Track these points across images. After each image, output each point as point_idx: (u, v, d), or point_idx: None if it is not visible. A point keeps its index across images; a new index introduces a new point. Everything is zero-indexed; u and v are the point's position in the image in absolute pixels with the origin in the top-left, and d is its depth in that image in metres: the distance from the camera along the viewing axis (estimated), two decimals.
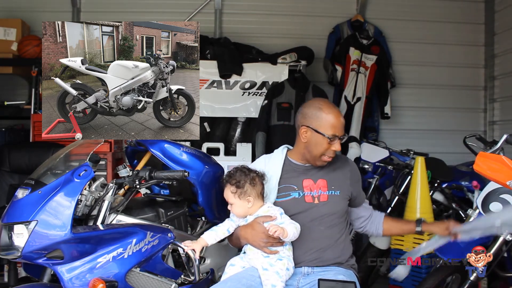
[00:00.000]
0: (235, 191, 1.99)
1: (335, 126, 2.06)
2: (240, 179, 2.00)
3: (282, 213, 2.00)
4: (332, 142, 2.06)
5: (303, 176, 2.11)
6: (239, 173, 2.02)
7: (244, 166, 2.08)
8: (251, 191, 1.98)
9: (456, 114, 5.54)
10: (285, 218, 1.98)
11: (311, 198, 2.07)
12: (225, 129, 4.83)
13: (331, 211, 2.08)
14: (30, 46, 4.48)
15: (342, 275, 1.97)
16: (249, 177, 2.00)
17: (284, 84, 4.63)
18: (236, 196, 1.99)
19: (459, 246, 2.36)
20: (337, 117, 2.09)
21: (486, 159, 2.05)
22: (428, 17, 5.46)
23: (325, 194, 2.08)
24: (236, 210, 2.02)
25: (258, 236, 1.94)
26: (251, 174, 2.02)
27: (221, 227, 2.09)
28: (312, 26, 5.34)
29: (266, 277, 1.91)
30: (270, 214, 1.97)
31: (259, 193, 2.00)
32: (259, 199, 2.01)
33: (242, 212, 2.01)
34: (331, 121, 2.06)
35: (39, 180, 1.97)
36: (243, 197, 1.98)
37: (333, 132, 2.06)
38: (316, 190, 2.08)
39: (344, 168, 2.19)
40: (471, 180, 3.85)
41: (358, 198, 2.24)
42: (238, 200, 1.99)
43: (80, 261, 1.85)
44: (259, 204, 2.01)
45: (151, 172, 2.14)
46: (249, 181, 1.99)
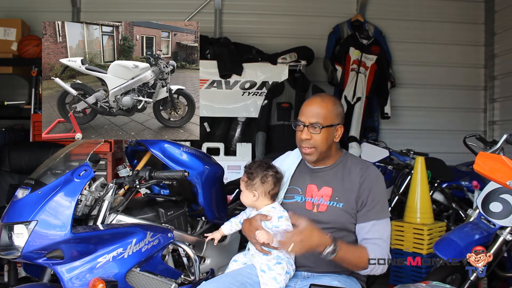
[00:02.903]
0: (245, 180, 2.01)
1: (302, 112, 1.97)
2: (254, 172, 2.00)
3: (282, 217, 1.94)
4: (299, 129, 1.96)
5: (309, 180, 2.03)
6: (257, 165, 2.02)
7: (267, 161, 2.07)
8: (258, 187, 1.98)
9: (456, 114, 5.55)
10: (283, 223, 1.93)
11: (311, 205, 1.99)
12: (225, 129, 4.83)
13: (329, 223, 1.93)
14: (30, 46, 4.49)
15: (337, 281, 1.90)
16: (262, 174, 1.99)
17: (284, 84, 4.63)
18: (245, 185, 2.01)
19: (459, 246, 2.37)
20: (308, 103, 1.99)
21: (486, 159, 2.05)
22: (428, 17, 5.46)
23: (325, 204, 1.96)
24: (243, 197, 2.03)
25: (252, 232, 1.92)
26: (268, 171, 2.00)
27: (235, 219, 2.12)
28: (312, 26, 5.35)
29: (263, 280, 1.89)
30: (270, 214, 1.96)
31: (266, 191, 1.98)
32: (266, 197, 1.99)
33: (247, 202, 2.02)
34: (303, 106, 1.99)
35: (39, 180, 1.97)
36: (250, 188, 1.99)
37: (299, 117, 1.97)
38: (317, 197, 1.98)
39: (356, 178, 1.96)
40: (471, 180, 3.86)
41: (362, 211, 1.94)
42: (246, 189, 2.01)
43: (80, 261, 1.85)
44: (265, 201, 2.00)
45: (151, 172, 2.15)
46: (260, 177, 1.98)
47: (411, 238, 3.20)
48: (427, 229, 3.16)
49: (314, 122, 1.94)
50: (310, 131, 1.94)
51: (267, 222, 1.94)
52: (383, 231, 1.94)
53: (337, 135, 2.00)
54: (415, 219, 3.27)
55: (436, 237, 3.12)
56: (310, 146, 1.96)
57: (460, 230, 2.51)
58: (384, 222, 1.95)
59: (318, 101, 1.99)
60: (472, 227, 2.49)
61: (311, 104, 1.98)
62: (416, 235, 3.19)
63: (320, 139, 1.95)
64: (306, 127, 1.95)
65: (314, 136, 1.95)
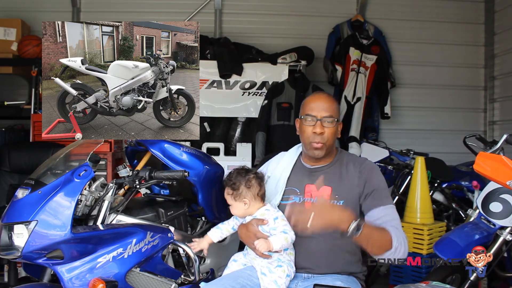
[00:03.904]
0: (231, 192, 1.98)
1: (311, 107, 1.97)
2: (236, 181, 1.97)
3: (277, 217, 1.93)
4: (310, 124, 1.95)
5: (307, 180, 2.03)
6: (235, 174, 2.00)
7: (244, 167, 2.04)
8: (246, 193, 1.95)
9: (456, 114, 5.55)
10: (279, 224, 1.91)
11: (311, 205, 1.93)
12: (225, 129, 4.83)
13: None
14: (30, 46, 4.49)
15: (339, 281, 1.90)
16: (245, 179, 1.97)
17: (284, 84, 4.63)
18: (232, 197, 1.98)
19: (459, 246, 2.37)
20: (315, 99, 1.99)
21: (486, 159, 2.05)
22: (428, 17, 5.46)
23: None
24: (234, 211, 2.01)
25: (250, 238, 1.91)
26: (248, 175, 1.98)
27: (225, 225, 2.09)
28: (312, 26, 5.35)
29: (264, 283, 1.89)
30: (265, 217, 1.94)
31: (255, 194, 1.96)
32: (257, 200, 1.98)
33: (240, 213, 2.00)
34: (309, 102, 2.00)
35: (39, 180, 1.97)
36: (239, 199, 1.96)
37: (307, 112, 1.96)
38: (317, 197, 1.97)
39: (354, 174, 1.97)
40: (471, 180, 3.86)
41: (367, 201, 1.93)
42: (234, 201, 1.97)
43: (80, 261, 1.85)
44: (257, 205, 1.98)
45: (151, 172, 2.14)
46: (244, 183, 1.96)
47: (411, 238, 3.20)
48: (427, 229, 3.16)
49: (328, 116, 1.95)
50: (323, 125, 1.95)
51: (263, 226, 1.92)
52: (394, 215, 1.91)
53: (339, 131, 2.04)
54: (415, 219, 3.27)
55: (436, 237, 3.12)
56: (321, 141, 1.96)
57: (460, 230, 2.51)
58: (392, 208, 1.93)
59: (324, 96, 2.03)
60: (472, 227, 2.49)
61: (318, 99, 1.99)
62: (416, 235, 3.19)
63: (332, 133, 1.96)
64: (319, 121, 1.95)
65: (327, 130, 1.95)
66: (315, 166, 2.05)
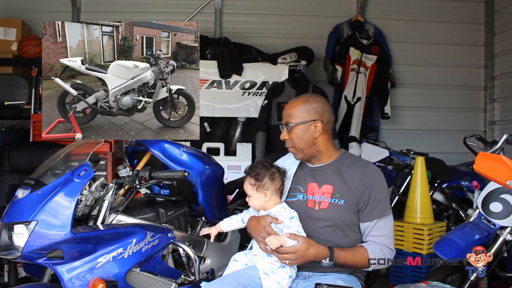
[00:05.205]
0: (253, 183, 1.98)
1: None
2: (260, 172, 1.98)
3: (294, 217, 1.94)
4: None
5: (310, 178, 2.05)
6: (260, 166, 2.02)
7: (267, 160, 2.08)
8: (269, 185, 1.97)
9: (456, 114, 5.55)
10: (294, 224, 1.92)
11: (313, 203, 2.00)
12: (225, 129, 4.83)
13: (331, 220, 1.95)
14: (30, 46, 4.49)
15: (341, 280, 1.92)
16: (269, 172, 1.99)
17: (284, 84, 4.63)
18: (254, 188, 1.98)
19: (459, 246, 2.36)
20: (284, 107, 2.12)
21: (486, 159, 2.05)
22: (428, 17, 5.46)
23: (327, 201, 1.97)
24: (253, 202, 2.00)
25: (259, 229, 1.92)
26: (272, 168, 2.01)
27: (237, 216, 2.10)
28: (312, 26, 5.35)
29: (266, 284, 1.88)
30: (282, 216, 1.94)
31: (277, 188, 1.98)
32: (277, 195, 1.99)
33: (258, 205, 1.99)
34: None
35: (39, 180, 1.97)
36: (261, 190, 1.97)
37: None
38: (318, 195, 1.99)
39: (356, 176, 1.98)
40: (471, 180, 3.87)
41: (365, 211, 1.96)
42: (256, 192, 1.98)
43: (80, 261, 1.85)
44: (275, 200, 1.98)
45: (151, 172, 2.14)
46: (268, 175, 1.98)
47: (411, 238, 3.21)
48: (427, 229, 3.16)
49: (286, 122, 2.06)
50: (285, 132, 2.06)
51: (276, 224, 1.93)
52: (385, 228, 1.98)
53: (316, 131, 2.02)
54: (415, 219, 3.27)
55: (436, 237, 3.12)
56: (291, 145, 2.06)
57: (460, 230, 2.51)
58: (386, 219, 1.98)
59: (291, 102, 2.11)
60: (472, 227, 2.48)
61: (285, 107, 2.10)
62: (416, 235, 3.19)
63: (294, 137, 2.03)
64: (284, 127, 2.08)
65: (289, 136, 2.05)
66: (316, 165, 2.07)
